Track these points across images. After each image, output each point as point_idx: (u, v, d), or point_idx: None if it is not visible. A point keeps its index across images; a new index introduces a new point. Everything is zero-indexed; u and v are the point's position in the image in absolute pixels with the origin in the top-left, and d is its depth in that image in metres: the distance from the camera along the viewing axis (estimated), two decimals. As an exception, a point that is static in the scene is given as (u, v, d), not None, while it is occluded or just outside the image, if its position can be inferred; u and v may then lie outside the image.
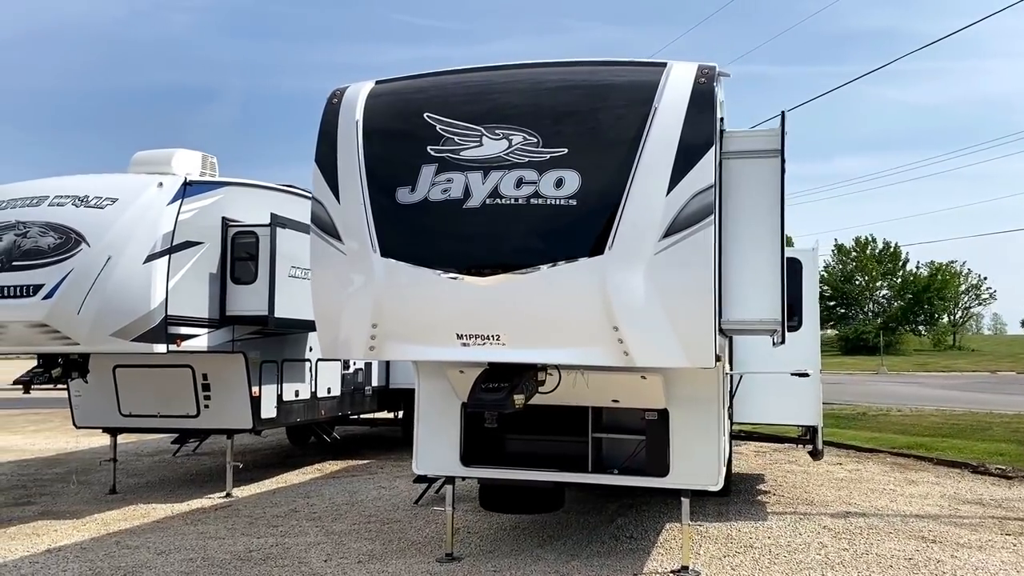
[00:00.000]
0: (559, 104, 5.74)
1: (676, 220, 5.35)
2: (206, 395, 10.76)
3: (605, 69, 5.94)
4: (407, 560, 7.66)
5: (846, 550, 8.03)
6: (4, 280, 8.96)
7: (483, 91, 5.93)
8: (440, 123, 5.67)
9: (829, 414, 21.77)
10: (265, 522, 9.35)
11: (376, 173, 5.75)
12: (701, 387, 7.07)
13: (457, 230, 5.54)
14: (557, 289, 5.39)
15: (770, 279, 6.24)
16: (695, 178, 5.39)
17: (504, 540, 8.41)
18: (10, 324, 9.02)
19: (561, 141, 5.49)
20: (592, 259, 5.33)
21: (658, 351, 5.51)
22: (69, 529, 9.06)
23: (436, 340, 5.67)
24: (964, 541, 8.43)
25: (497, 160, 5.49)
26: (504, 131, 5.54)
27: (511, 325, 5.53)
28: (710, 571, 7.35)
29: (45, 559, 7.78)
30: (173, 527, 9.12)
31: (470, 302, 5.49)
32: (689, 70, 5.68)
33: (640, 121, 5.46)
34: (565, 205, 5.36)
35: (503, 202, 5.42)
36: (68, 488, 11.74)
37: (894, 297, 79.91)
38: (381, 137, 5.86)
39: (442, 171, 5.55)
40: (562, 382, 6.53)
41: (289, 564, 7.54)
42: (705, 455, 7.07)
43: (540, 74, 5.96)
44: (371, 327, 5.75)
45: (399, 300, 5.68)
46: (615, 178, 5.37)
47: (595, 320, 5.38)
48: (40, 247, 8.96)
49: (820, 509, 10.02)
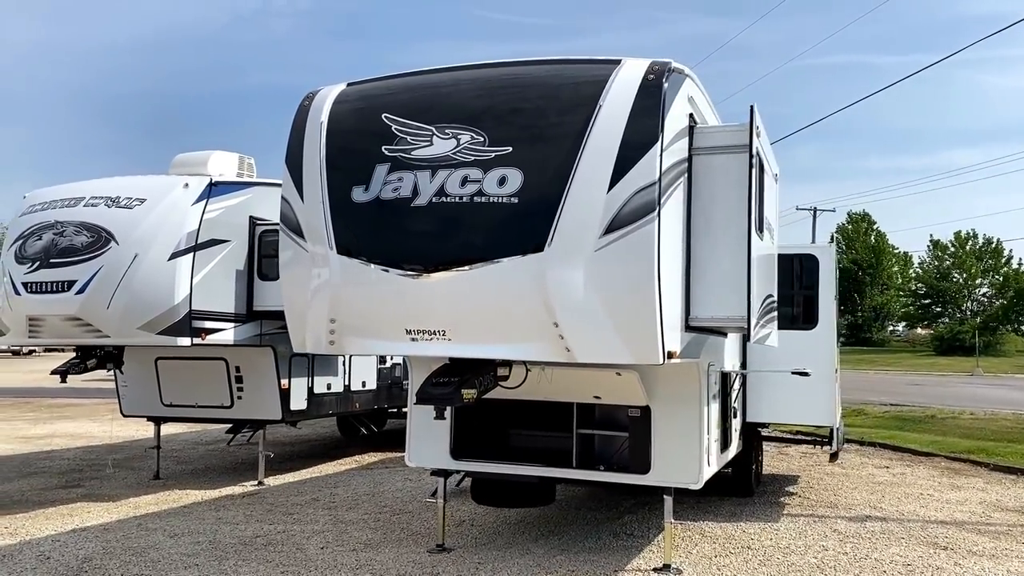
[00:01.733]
0: (506, 103, 5.81)
1: (617, 217, 5.36)
2: (239, 387, 11.20)
3: (557, 68, 5.97)
4: (400, 550, 7.86)
5: (845, 554, 7.84)
6: (43, 276, 9.56)
7: (437, 92, 6.05)
8: (395, 123, 5.82)
9: (896, 416, 21.17)
10: (283, 510, 9.71)
11: (335, 172, 5.94)
12: (682, 384, 7.03)
13: (405, 228, 5.68)
14: (498, 286, 5.47)
15: (738, 276, 6.16)
16: (637, 175, 5.38)
17: (501, 534, 8.52)
18: (47, 317, 9.63)
19: (506, 140, 5.56)
20: (531, 256, 5.38)
21: (600, 347, 5.53)
22: (101, 511, 9.60)
23: (388, 335, 5.83)
24: (979, 549, 8.11)
25: (445, 159, 5.61)
26: (453, 131, 5.65)
27: (456, 321, 5.64)
28: (696, 570, 7.30)
29: (67, 538, 8.29)
30: (196, 512, 9.56)
31: (417, 298, 5.63)
32: (639, 67, 5.67)
33: (584, 119, 5.48)
34: (507, 203, 5.44)
35: (448, 200, 5.53)
36: (116, 473, 12.39)
37: (995, 295, 76.22)
38: (342, 138, 6.05)
39: (394, 170, 5.70)
40: (532, 377, 6.61)
41: (287, 550, 7.84)
42: (686, 453, 7.03)
43: (493, 74, 6.04)
44: (330, 322, 5.95)
45: (353, 296, 5.87)
46: (556, 176, 5.42)
47: (536, 316, 5.44)
48: (74, 245, 9.51)
49: (840, 512, 9.78)
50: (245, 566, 7.29)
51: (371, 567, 7.27)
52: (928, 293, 77.70)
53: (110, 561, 7.42)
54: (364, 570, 7.19)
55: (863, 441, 16.79)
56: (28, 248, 9.77)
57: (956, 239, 78.34)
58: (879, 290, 79.91)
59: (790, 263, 9.78)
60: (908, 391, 30.67)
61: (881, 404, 24.20)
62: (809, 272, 9.62)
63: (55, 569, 7.17)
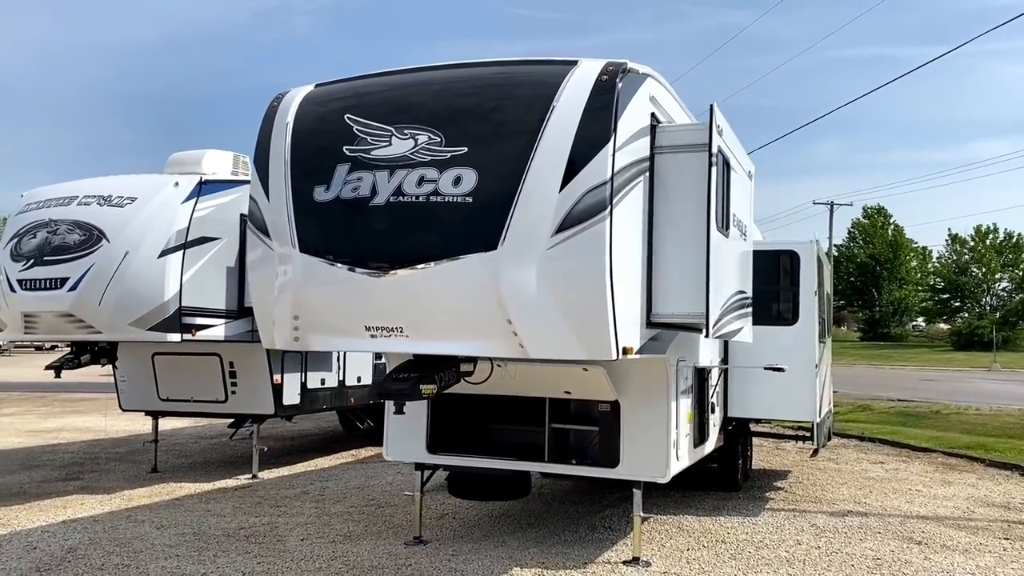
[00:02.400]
0: (463, 104, 5.92)
1: (568, 216, 5.45)
2: (232, 382, 11.38)
3: (515, 69, 6.07)
4: (378, 542, 8.01)
5: (817, 548, 7.91)
6: (37, 274, 9.78)
7: (398, 93, 6.16)
8: (357, 124, 5.94)
9: (901, 411, 21.10)
10: (272, 503, 9.89)
11: (298, 172, 6.07)
12: (650, 380, 7.12)
13: (364, 227, 5.79)
14: (452, 284, 5.58)
15: (698, 273, 6.24)
16: (589, 174, 5.46)
17: (480, 527, 8.66)
18: (42, 314, 9.85)
19: (462, 140, 5.67)
20: (484, 255, 5.49)
21: (553, 343, 5.63)
22: (94, 503, 9.81)
23: (349, 332, 5.96)
24: (953, 544, 8.16)
25: (403, 159, 5.72)
26: (412, 131, 5.76)
27: (412, 318, 5.76)
28: (667, 563, 7.39)
29: (56, 529, 8.50)
30: (186, 505, 9.75)
31: (375, 296, 5.75)
32: (594, 68, 5.75)
33: (538, 119, 5.57)
34: (461, 203, 5.54)
35: (405, 200, 5.65)
36: (115, 466, 12.63)
37: (1015, 290, 75.43)
38: (306, 138, 6.17)
39: (354, 170, 5.82)
40: (499, 373, 6.72)
41: (267, 541, 8.00)
42: (654, 447, 7.12)
43: (452, 75, 6.14)
44: (293, 319, 6.09)
45: (315, 294, 6.00)
46: (509, 176, 5.51)
47: (490, 313, 5.54)
48: (67, 243, 9.73)
49: (823, 507, 9.83)
50: (224, 556, 7.46)
51: (346, 559, 7.42)
52: (946, 288, 77.04)
53: (94, 551, 7.61)
54: (338, 561, 7.34)
55: (863, 437, 16.77)
56: (23, 246, 9.99)
57: (976, 233, 77.62)
58: (897, 285, 79.30)
59: (770, 260, 9.84)
60: (920, 387, 30.51)
61: (889, 400, 24.13)
62: (790, 268, 9.65)
63: (39, 559, 7.37)
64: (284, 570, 7.06)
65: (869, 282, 76.35)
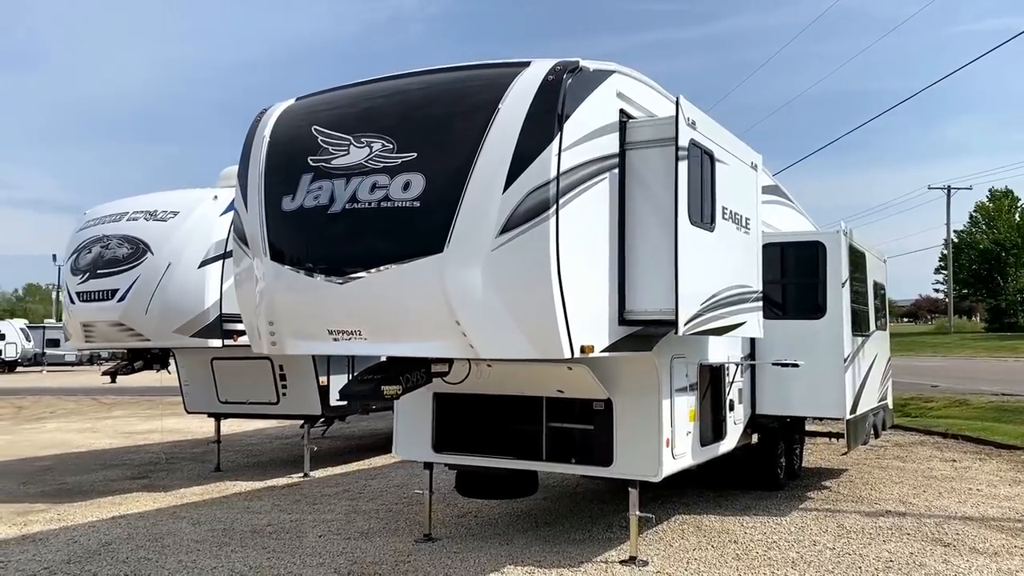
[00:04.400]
0: (414, 110, 6.02)
1: (512, 217, 5.47)
2: (283, 384, 11.88)
3: (469, 73, 6.11)
4: (390, 539, 8.22)
5: (832, 549, 7.64)
6: (92, 286, 10.49)
7: (359, 102, 6.31)
8: (321, 135, 6.13)
9: (999, 406, 19.91)
10: (309, 500, 10.27)
11: (270, 183, 6.31)
12: (640, 378, 7.07)
13: (322, 234, 5.98)
14: (403, 287, 5.69)
15: (667, 269, 6.16)
16: (532, 175, 5.48)
17: (496, 525, 8.75)
18: (97, 323, 10.56)
19: (412, 146, 5.77)
20: (431, 258, 5.57)
21: (502, 344, 5.66)
22: (148, 501, 10.43)
23: (316, 336, 6.17)
24: (984, 547, 7.73)
25: (358, 167, 5.88)
26: (368, 139, 5.91)
27: (369, 321, 5.91)
28: (667, 563, 7.30)
29: (103, 524, 9.09)
30: (230, 502, 10.24)
31: (334, 301, 5.92)
32: (542, 69, 5.75)
33: (483, 122, 5.62)
34: (409, 207, 5.65)
35: (359, 206, 5.80)
36: (185, 465, 13.36)
37: None
38: (279, 150, 6.41)
39: (316, 179, 6.02)
40: (483, 372, 6.82)
41: (287, 538, 8.33)
42: (645, 446, 7.05)
43: (410, 83, 6.25)
44: (269, 324, 6.35)
45: (284, 301, 6.23)
46: (454, 179, 5.58)
47: (439, 315, 5.63)
48: (117, 256, 10.39)
49: (862, 507, 9.47)
50: (240, 552, 7.81)
51: (352, 555, 7.66)
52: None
53: (125, 546, 8.11)
54: (344, 557, 7.58)
55: (946, 433, 16.01)
56: (80, 260, 10.72)
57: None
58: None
59: (796, 252, 9.55)
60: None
61: (993, 394, 22.80)
62: (815, 260, 9.33)
63: (73, 552, 7.92)
64: (289, 564, 7.35)
65: (994, 269, 71.94)
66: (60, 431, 19.10)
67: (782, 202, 10.81)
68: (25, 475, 12.62)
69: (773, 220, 10.26)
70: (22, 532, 8.80)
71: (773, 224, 10.21)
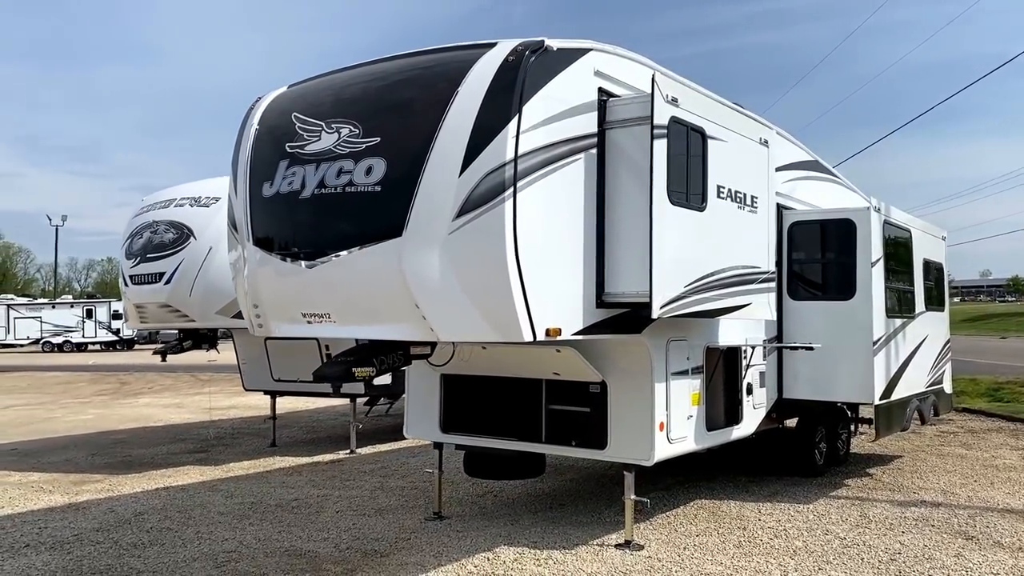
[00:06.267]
0: (380, 95, 6.06)
1: (468, 200, 5.45)
2: (329, 363, 12.21)
3: (435, 56, 6.10)
4: (403, 516, 8.39)
5: (841, 539, 7.38)
6: (143, 269, 11.05)
7: (335, 88, 6.39)
8: (299, 122, 6.25)
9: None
10: (344, 476, 10.57)
11: (254, 170, 6.49)
12: (632, 361, 6.98)
13: (294, 219, 6.11)
14: (365, 271, 5.76)
15: (643, 251, 6.05)
16: (488, 157, 5.44)
17: (512, 505, 8.81)
18: (148, 305, 11.12)
19: (376, 131, 5.81)
20: (390, 241, 5.61)
21: (462, 326, 5.67)
22: (196, 473, 10.94)
23: (293, 318, 6.32)
24: (1010, 542, 7.33)
25: (327, 153, 5.97)
26: (337, 125, 5.99)
27: (336, 304, 6.02)
28: (660, 548, 7.19)
29: (145, 496, 9.60)
30: (270, 476, 10.65)
31: (305, 284, 6.06)
32: (504, 49, 5.70)
33: (441, 105, 5.61)
34: (371, 191, 5.71)
35: (326, 192, 5.89)
36: (246, 440, 13.93)
37: None
38: (263, 137, 6.57)
39: (291, 165, 6.14)
40: (483, 354, 6.93)
41: (306, 513, 8.61)
42: (637, 429, 6.97)
43: (382, 67, 6.28)
44: (254, 307, 6.55)
45: (264, 284, 6.41)
46: (412, 163, 5.59)
47: (399, 298, 5.67)
48: (164, 241, 10.91)
49: (896, 496, 9.08)
50: (256, 525, 8.12)
51: (359, 530, 7.86)
52: None
53: (154, 516, 8.54)
54: (350, 533, 7.78)
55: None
56: (134, 245, 11.30)
57: None
58: None
59: (824, 229, 9.18)
60: None
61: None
62: (844, 238, 8.93)
63: (106, 520, 8.40)
64: (295, 539, 7.60)
65: None
66: (149, 406, 20.15)
67: (823, 177, 10.38)
68: (98, 447, 13.42)
69: (811, 197, 9.89)
70: (70, 500, 9.39)
71: (811, 201, 9.84)
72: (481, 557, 6.93)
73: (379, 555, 7.07)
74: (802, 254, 9.15)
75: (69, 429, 15.86)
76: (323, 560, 6.95)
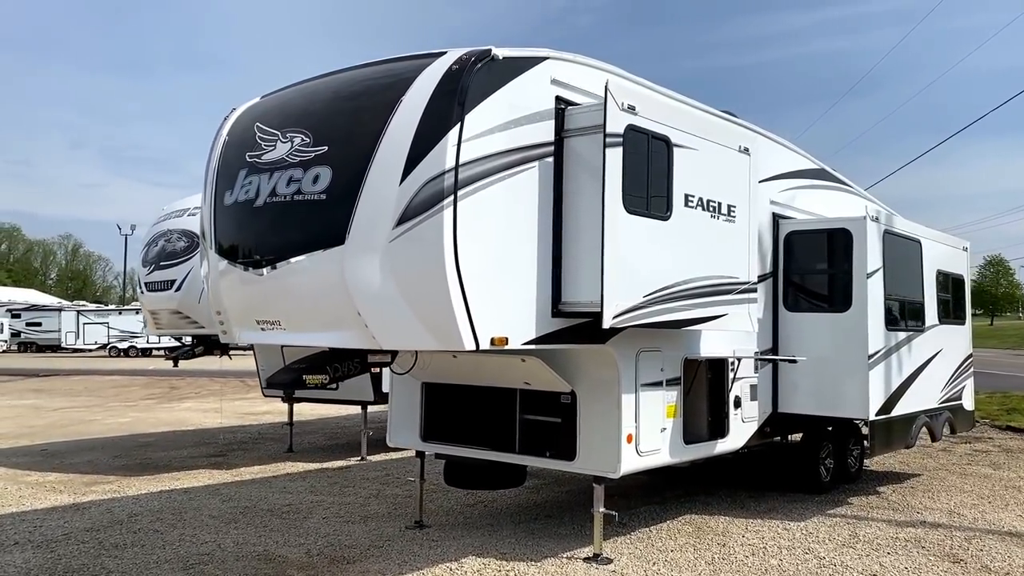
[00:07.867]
0: (330, 104, 6.11)
1: (408, 208, 5.46)
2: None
3: (385, 66, 6.13)
4: (385, 524, 8.43)
5: (819, 559, 7.17)
6: (157, 277, 11.36)
7: (294, 98, 6.48)
8: (259, 131, 6.35)
9: None
10: (344, 483, 10.66)
11: (219, 179, 6.61)
12: (600, 371, 6.90)
13: (248, 227, 6.20)
14: (309, 279, 5.81)
15: (595, 260, 5.98)
16: (427, 166, 5.43)
17: (497, 515, 8.77)
18: (161, 311, 11.42)
19: (325, 140, 5.86)
20: (333, 249, 5.65)
21: (402, 334, 5.66)
22: (205, 477, 11.16)
23: (249, 325, 6.41)
24: (998, 567, 7.02)
25: (280, 162, 6.04)
26: (291, 134, 6.07)
27: (284, 312, 6.08)
28: (629, 562, 7.08)
29: (146, 498, 9.82)
30: (273, 482, 10.80)
31: (257, 292, 6.13)
32: (450, 58, 5.71)
33: (385, 114, 5.63)
34: (317, 200, 5.76)
35: (277, 200, 5.96)
36: (267, 445, 14.16)
37: None
38: (229, 147, 6.68)
39: (249, 175, 6.24)
40: (455, 363, 6.94)
41: (293, 519, 8.70)
42: (604, 441, 6.87)
43: (339, 77, 6.35)
44: (217, 314, 6.67)
45: (223, 291, 6.51)
46: (355, 171, 5.62)
47: (342, 306, 5.70)
48: (175, 249, 11.19)
49: (896, 516, 8.78)
50: (241, 529, 8.24)
51: (337, 537, 7.91)
52: None
53: (147, 518, 8.73)
54: (327, 540, 7.83)
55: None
56: (149, 253, 11.62)
57: None
58: None
59: (821, 239, 8.94)
60: None
61: None
62: (841, 248, 8.68)
63: (101, 521, 8.61)
64: (272, 543, 7.69)
65: None
66: (188, 410, 20.64)
67: (829, 186, 10.12)
68: (122, 449, 13.79)
69: (814, 206, 9.65)
70: (74, 500, 9.67)
71: (814, 210, 9.61)
72: (444, 567, 6.91)
73: (346, 562, 7.10)
74: (798, 264, 8.93)
75: (103, 431, 16.33)
76: (289, 565, 7.01)
